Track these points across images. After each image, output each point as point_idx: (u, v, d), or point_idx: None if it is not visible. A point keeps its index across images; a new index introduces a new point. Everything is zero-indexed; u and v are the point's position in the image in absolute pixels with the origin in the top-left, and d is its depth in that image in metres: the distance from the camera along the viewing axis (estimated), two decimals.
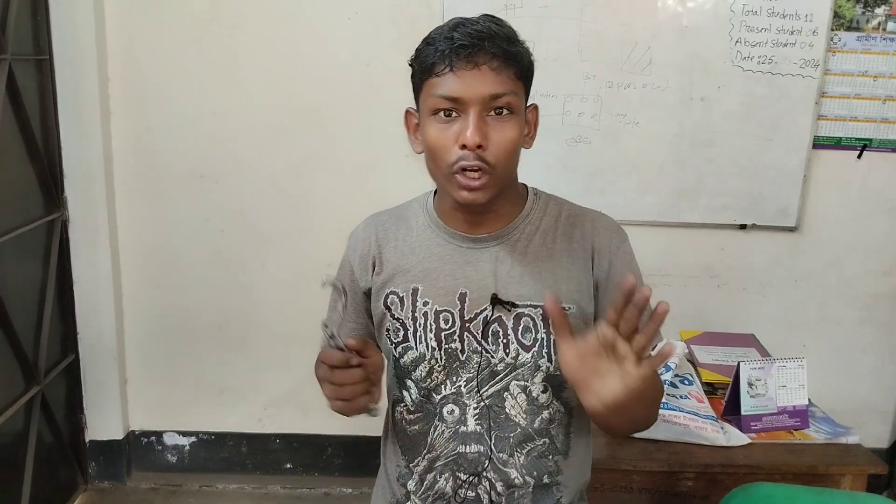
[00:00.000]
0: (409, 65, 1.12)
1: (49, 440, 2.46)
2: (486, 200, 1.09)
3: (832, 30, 2.43)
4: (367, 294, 1.23)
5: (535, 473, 1.20)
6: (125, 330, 2.66)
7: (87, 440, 2.67)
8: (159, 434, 2.76)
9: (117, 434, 2.69)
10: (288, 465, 2.80)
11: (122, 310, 2.64)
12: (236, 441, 2.77)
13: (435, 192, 1.23)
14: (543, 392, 1.17)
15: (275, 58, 2.47)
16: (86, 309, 2.58)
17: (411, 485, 1.24)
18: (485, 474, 1.19)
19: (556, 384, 1.18)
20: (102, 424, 2.67)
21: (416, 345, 1.18)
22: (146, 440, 2.76)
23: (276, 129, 2.53)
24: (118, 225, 2.58)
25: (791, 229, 2.59)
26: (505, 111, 1.06)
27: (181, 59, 2.47)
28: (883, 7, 2.43)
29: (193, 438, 2.77)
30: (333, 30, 2.45)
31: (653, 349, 0.97)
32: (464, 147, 1.04)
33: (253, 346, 2.67)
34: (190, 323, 2.67)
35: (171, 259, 2.63)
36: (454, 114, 1.05)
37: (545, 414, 1.18)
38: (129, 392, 2.71)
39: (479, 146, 1.04)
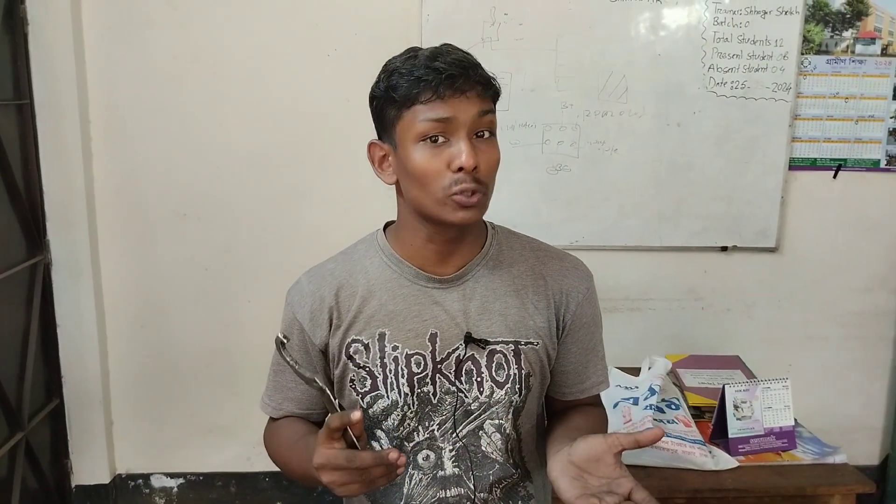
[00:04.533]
0: (375, 96, 1.10)
1: (34, 486, 2.42)
2: (479, 218, 1.09)
3: (802, 54, 2.48)
4: (323, 351, 1.18)
5: (510, 503, 1.20)
6: (110, 372, 2.64)
7: (73, 485, 2.63)
8: (146, 476, 2.72)
9: (104, 478, 2.65)
10: None
11: (106, 352, 2.62)
12: (225, 481, 2.74)
13: (385, 230, 1.20)
14: (513, 427, 1.17)
15: (255, 96, 2.49)
16: (70, 352, 2.56)
17: None
18: None
19: (517, 415, 1.17)
20: (88, 468, 2.63)
21: (387, 392, 1.14)
22: (133, 483, 2.72)
23: (258, 166, 2.54)
24: (101, 266, 2.57)
25: (771, 250, 2.62)
26: (487, 133, 1.07)
27: (162, 100, 2.49)
28: (850, 31, 2.49)
29: (182, 480, 2.74)
30: (313, 66, 2.48)
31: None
32: (460, 170, 1.03)
33: (240, 384, 2.65)
34: (176, 363, 2.65)
35: (155, 299, 2.62)
36: (441, 139, 1.04)
37: (512, 444, 1.18)
38: (116, 435, 2.68)
39: (475, 168, 1.04)
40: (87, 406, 2.60)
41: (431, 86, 1.02)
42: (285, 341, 0.98)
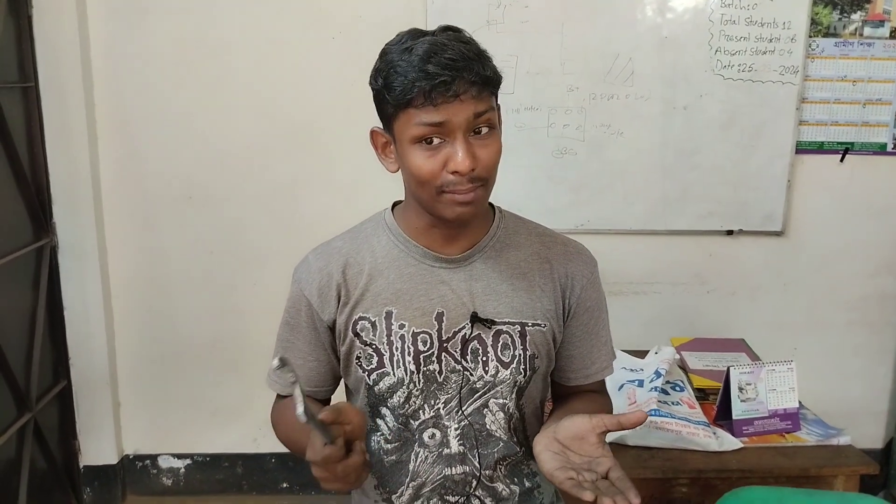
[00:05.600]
0: (373, 87, 1.09)
1: (42, 467, 2.44)
2: (477, 213, 1.09)
3: (810, 36, 2.47)
4: (331, 328, 1.18)
5: (516, 480, 1.21)
6: (117, 354, 2.66)
7: (81, 466, 2.66)
8: (154, 457, 2.75)
9: (111, 459, 2.67)
10: (284, 485, 2.79)
11: (113, 334, 2.64)
12: (231, 462, 2.76)
13: (393, 209, 1.21)
14: (517, 406, 1.18)
15: (260, 79, 2.49)
16: (77, 334, 2.57)
17: None
18: (474, 493, 1.18)
19: (521, 395, 1.19)
20: (96, 449, 2.66)
21: (393, 370, 1.15)
22: (141, 464, 2.75)
23: (263, 150, 2.54)
24: (108, 249, 2.58)
25: (777, 234, 2.61)
26: (485, 129, 1.05)
27: (167, 82, 2.49)
28: (859, 13, 2.47)
29: (188, 461, 2.76)
30: (318, 50, 2.47)
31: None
32: (455, 173, 1.03)
33: (246, 366, 2.67)
34: (182, 345, 2.67)
35: (161, 282, 2.63)
36: (435, 140, 1.03)
37: (516, 423, 1.19)
38: (123, 416, 2.71)
39: (472, 169, 1.03)
40: (95, 387, 2.62)
41: (424, 91, 1.00)
42: (284, 364, 0.92)
